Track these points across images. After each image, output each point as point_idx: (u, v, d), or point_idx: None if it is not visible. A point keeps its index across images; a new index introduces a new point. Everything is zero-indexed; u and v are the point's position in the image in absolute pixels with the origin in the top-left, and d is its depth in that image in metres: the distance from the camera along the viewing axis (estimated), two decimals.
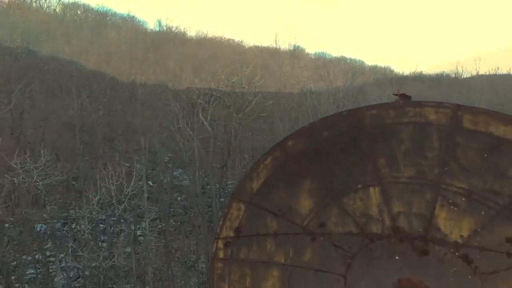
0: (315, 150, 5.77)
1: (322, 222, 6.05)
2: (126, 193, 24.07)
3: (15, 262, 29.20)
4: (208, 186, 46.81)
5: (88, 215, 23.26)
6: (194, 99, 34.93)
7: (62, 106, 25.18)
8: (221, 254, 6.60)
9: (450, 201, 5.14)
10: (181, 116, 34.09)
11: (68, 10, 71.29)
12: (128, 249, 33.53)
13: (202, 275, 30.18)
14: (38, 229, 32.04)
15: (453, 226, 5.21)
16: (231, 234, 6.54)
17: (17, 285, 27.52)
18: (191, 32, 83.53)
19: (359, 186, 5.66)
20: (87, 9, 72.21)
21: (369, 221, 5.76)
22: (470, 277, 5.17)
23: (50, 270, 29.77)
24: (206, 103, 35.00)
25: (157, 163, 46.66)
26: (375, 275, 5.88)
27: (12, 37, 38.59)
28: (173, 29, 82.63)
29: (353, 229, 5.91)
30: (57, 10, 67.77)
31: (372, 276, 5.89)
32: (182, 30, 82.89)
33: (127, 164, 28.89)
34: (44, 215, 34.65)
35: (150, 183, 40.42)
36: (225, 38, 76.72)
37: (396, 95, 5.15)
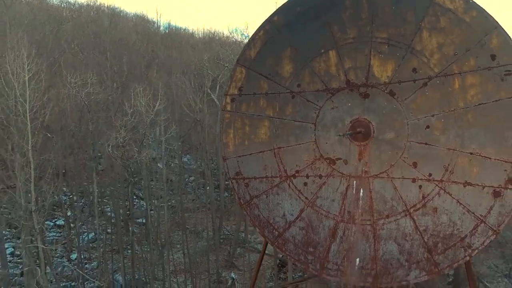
0: (292, 23, 8.27)
1: (299, 83, 8.58)
2: (152, 111, 27.55)
3: (39, 226, 31.95)
4: (215, 171, 49.30)
5: (124, 127, 26.05)
6: (204, 70, 37.24)
7: (84, 78, 28.15)
8: (228, 107, 9.17)
9: (379, 50, 7.57)
10: (191, 90, 36.48)
11: (83, 10, 75.44)
12: (143, 220, 36.10)
13: (210, 240, 32.57)
14: (63, 201, 34.86)
15: (382, 70, 7.63)
16: (236, 92, 9.11)
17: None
18: (199, 34, 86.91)
19: (322, 51, 8.15)
20: (100, 8, 76.41)
21: (330, 78, 8.27)
22: (394, 106, 7.65)
23: (69, 234, 32.44)
24: (215, 75, 37.14)
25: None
26: (335, 120, 8.39)
27: (39, 22, 42.17)
28: (181, 30, 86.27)
29: (319, 86, 8.44)
30: (74, 7, 71.62)
31: (333, 121, 8.40)
32: (191, 31, 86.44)
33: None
34: (64, 188, 37.40)
35: (159, 165, 42.94)
36: (232, 37, 79.63)
37: None
